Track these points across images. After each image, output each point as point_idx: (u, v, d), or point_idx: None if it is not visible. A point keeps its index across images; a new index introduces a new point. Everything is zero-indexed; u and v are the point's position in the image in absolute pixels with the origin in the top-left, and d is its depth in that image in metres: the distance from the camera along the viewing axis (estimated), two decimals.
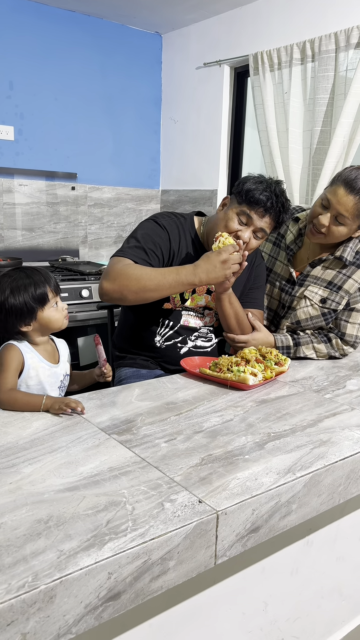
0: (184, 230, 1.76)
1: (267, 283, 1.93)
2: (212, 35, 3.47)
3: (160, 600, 1.05)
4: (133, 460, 1.05)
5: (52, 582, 0.71)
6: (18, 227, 3.40)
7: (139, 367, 1.82)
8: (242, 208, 1.62)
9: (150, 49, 3.80)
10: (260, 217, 1.62)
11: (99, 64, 3.57)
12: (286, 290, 1.86)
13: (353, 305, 1.80)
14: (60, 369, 1.40)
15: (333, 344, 1.81)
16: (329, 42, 2.70)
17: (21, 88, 3.28)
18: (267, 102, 3.01)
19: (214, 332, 1.86)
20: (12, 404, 1.25)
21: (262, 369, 1.54)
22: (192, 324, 1.80)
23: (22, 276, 1.34)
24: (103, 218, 3.76)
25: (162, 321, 1.78)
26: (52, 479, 0.97)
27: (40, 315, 1.33)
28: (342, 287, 1.78)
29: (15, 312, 1.31)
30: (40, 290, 1.33)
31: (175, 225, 1.74)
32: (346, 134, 2.67)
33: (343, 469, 1.12)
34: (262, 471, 1.04)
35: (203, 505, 0.91)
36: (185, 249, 1.74)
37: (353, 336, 1.81)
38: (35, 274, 1.35)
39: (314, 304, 1.80)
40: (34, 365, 1.34)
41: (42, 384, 1.35)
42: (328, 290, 1.79)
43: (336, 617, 1.56)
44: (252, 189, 1.61)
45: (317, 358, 1.81)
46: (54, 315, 1.35)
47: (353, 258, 1.77)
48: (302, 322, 1.83)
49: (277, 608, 1.34)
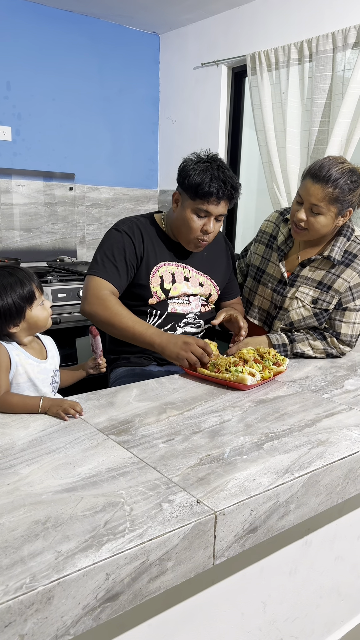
0: (146, 229, 1.82)
1: (260, 284, 1.94)
2: (210, 36, 3.47)
3: (159, 601, 1.04)
4: (131, 461, 1.05)
5: (49, 584, 0.71)
6: (16, 228, 3.40)
7: (133, 366, 1.83)
8: (196, 205, 1.69)
9: (147, 49, 3.80)
10: (217, 205, 1.69)
11: (96, 64, 3.57)
12: (278, 291, 1.87)
13: (345, 304, 1.79)
14: (49, 364, 1.39)
15: (329, 342, 1.81)
16: (327, 42, 2.70)
17: (18, 88, 3.28)
18: (265, 102, 3.01)
19: (202, 318, 1.89)
20: (8, 408, 1.24)
21: (260, 369, 1.54)
22: (179, 311, 1.84)
23: (4, 274, 1.30)
24: (101, 218, 3.76)
25: (149, 312, 1.82)
26: (50, 480, 0.97)
27: (28, 314, 1.31)
28: (332, 287, 1.78)
29: (4, 313, 1.28)
30: (28, 288, 1.30)
31: (136, 227, 1.81)
32: (344, 134, 2.67)
33: (341, 469, 1.12)
34: (260, 471, 1.04)
35: (201, 506, 0.91)
36: (152, 244, 1.81)
37: (348, 335, 1.81)
38: (18, 271, 1.32)
39: (306, 304, 1.80)
40: (22, 362, 1.32)
41: (32, 381, 1.34)
42: (319, 291, 1.79)
43: (335, 617, 1.56)
44: (199, 183, 1.65)
45: (315, 355, 1.81)
46: (41, 314, 1.34)
47: (341, 257, 1.77)
48: (296, 324, 1.84)
49: (275, 608, 1.34)
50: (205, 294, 1.90)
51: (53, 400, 1.26)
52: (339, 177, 1.65)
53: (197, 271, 1.89)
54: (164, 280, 1.81)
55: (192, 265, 1.88)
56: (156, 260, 1.81)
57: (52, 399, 1.27)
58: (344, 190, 1.66)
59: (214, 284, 1.92)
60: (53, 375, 1.41)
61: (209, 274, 1.91)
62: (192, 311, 1.87)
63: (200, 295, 1.88)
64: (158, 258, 1.81)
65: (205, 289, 1.89)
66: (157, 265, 1.81)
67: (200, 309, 1.89)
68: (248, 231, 3.75)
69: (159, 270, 1.81)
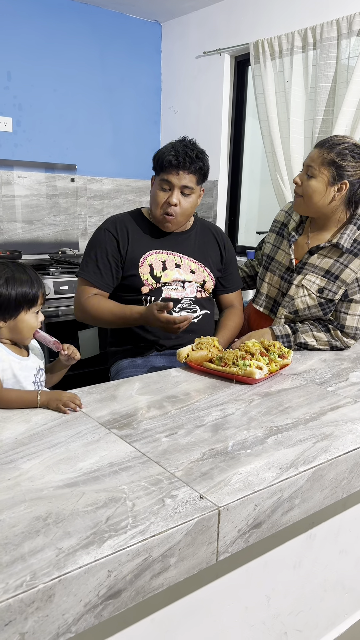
0: (131, 222, 1.88)
1: (268, 271, 1.93)
2: (212, 23, 3.43)
3: (162, 596, 1.04)
4: (133, 456, 1.04)
5: (50, 581, 0.70)
6: (17, 220, 3.38)
7: (133, 357, 1.84)
8: (161, 177, 1.77)
9: (149, 38, 3.76)
10: (177, 176, 1.74)
11: (97, 53, 3.53)
12: (285, 278, 1.85)
13: (351, 296, 1.77)
14: (31, 362, 1.34)
15: (332, 334, 1.79)
16: (331, 30, 2.66)
17: (19, 79, 3.25)
18: (268, 91, 2.97)
19: (197, 304, 1.90)
20: (5, 403, 1.22)
21: (267, 362, 1.52)
22: (173, 296, 1.86)
23: (20, 270, 1.29)
24: (103, 210, 3.73)
25: (144, 300, 1.84)
26: (51, 475, 0.96)
27: (21, 316, 1.28)
28: (339, 277, 1.76)
29: (1, 302, 1.25)
30: (34, 291, 1.28)
31: (119, 222, 1.87)
32: (348, 123, 2.63)
33: (346, 463, 1.10)
34: (264, 466, 1.02)
35: (204, 501, 0.89)
36: (139, 235, 1.86)
37: (353, 328, 1.78)
38: (33, 274, 1.30)
39: (312, 293, 1.78)
40: (4, 357, 1.28)
41: (16, 377, 1.30)
42: (325, 280, 1.77)
43: (339, 610, 1.56)
44: (160, 155, 1.75)
45: (319, 347, 1.79)
46: (32, 322, 1.30)
47: (350, 246, 1.75)
48: (300, 312, 1.82)
49: (279, 602, 1.33)
50: (199, 280, 1.90)
51: (51, 393, 1.24)
52: (339, 143, 1.69)
53: (189, 258, 1.90)
54: (154, 268, 1.83)
55: (183, 252, 1.89)
56: (144, 249, 1.84)
57: (49, 392, 1.25)
58: (341, 154, 1.67)
59: (207, 271, 1.92)
60: (36, 373, 1.36)
61: (201, 261, 1.92)
62: (187, 296, 1.87)
63: (194, 282, 1.89)
64: (146, 247, 1.84)
65: (198, 276, 1.90)
66: (145, 254, 1.84)
67: (196, 294, 1.90)
68: (251, 222, 3.72)
69: (147, 259, 1.83)
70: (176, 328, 1.63)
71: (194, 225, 1.95)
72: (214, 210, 3.66)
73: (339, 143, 1.69)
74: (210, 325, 1.95)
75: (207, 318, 1.93)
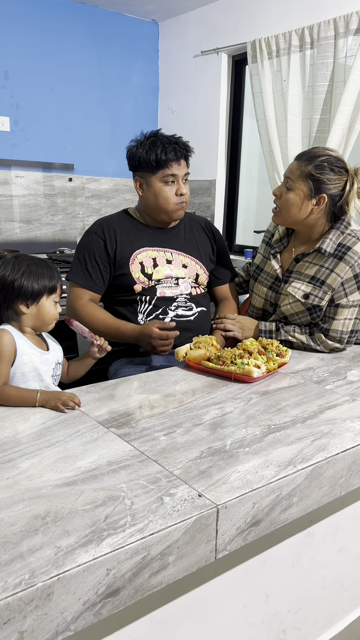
0: (118, 223, 1.89)
1: (256, 282, 1.93)
2: (210, 23, 3.43)
3: (161, 594, 1.04)
4: (132, 454, 1.04)
5: (49, 580, 0.70)
6: (15, 219, 3.38)
7: (131, 356, 1.84)
8: (162, 175, 1.79)
9: (147, 37, 3.75)
10: (179, 166, 1.81)
11: (95, 53, 3.53)
12: (274, 288, 1.85)
13: (338, 301, 1.74)
14: (51, 356, 1.39)
15: (315, 338, 1.77)
16: (328, 29, 2.66)
17: (16, 78, 3.24)
18: (266, 91, 2.97)
19: (193, 301, 1.90)
20: (5, 400, 1.24)
21: (265, 361, 1.53)
22: (168, 294, 1.86)
23: (42, 264, 1.37)
24: (101, 209, 3.73)
25: (139, 299, 1.85)
26: (49, 473, 0.96)
27: (42, 301, 1.34)
28: (325, 282, 1.73)
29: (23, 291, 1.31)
30: (54, 282, 1.36)
31: (105, 223, 1.89)
32: (346, 122, 2.63)
33: (344, 461, 1.11)
34: (262, 464, 1.03)
35: (203, 499, 0.90)
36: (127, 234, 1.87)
37: (338, 331, 1.75)
38: (54, 268, 1.39)
39: (298, 299, 1.77)
40: (26, 351, 1.32)
41: (37, 370, 1.34)
42: (311, 286, 1.75)
43: (337, 608, 1.56)
44: (155, 155, 1.77)
45: (295, 347, 1.78)
46: (51, 310, 1.37)
47: (334, 250, 1.73)
48: (289, 318, 1.82)
49: (278, 600, 1.33)
50: (192, 275, 1.91)
51: (50, 393, 1.25)
52: (318, 156, 1.67)
53: (180, 252, 1.91)
54: (144, 265, 1.84)
55: (174, 247, 1.90)
56: (133, 248, 1.85)
57: (49, 392, 1.26)
58: (319, 167, 1.65)
59: (199, 264, 1.93)
60: (54, 367, 1.40)
61: (192, 254, 1.93)
62: (181, 293, 1.88)
63: (188, 277, 1.90)
64: (135, 246, 1.86)
65: (190, 270, 1.91)
66: (135, 252, 1.85)
67: (191, 290, 1.90)
68: (249, 221, 3.72)
69: (137, 257, 1.85)
70: (166, 344, 1.65)
71: (182, 219, 1.97)
72: (211, 209, 3.66)
73: (318, 155, 1.67)
74: (207, 322, 1.95)
75: (203, 315, 1.93)
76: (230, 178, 3.64)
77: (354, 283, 1.71)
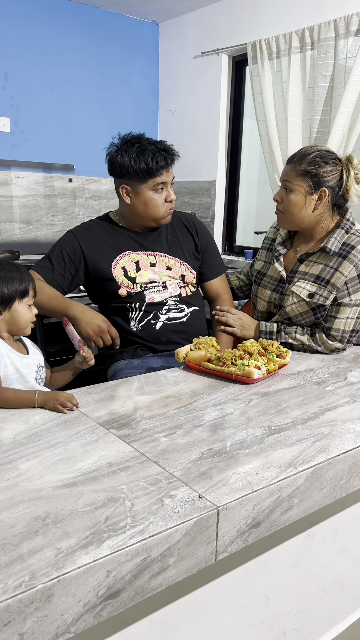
0: (100, 227, 1.89)
1: (260, 287, 1.92)
2: (210, 24, 3.43)
3: (161, 596, 1.04)
4: (132, 455, 1.04)
5: (49, 581, 0.70)
6: (15, 220, 3.38)
7: (130, 358, 1.83)
8: (152, 183, 1.77)
9: (147, 38, 3.76)
10: (168, 172, 1.80)
11: (95, 53, 3.53)
12: (278, 290, 1.85)
13: (340, 300, 1.73)
14: (31, 359, 1.38)
15: (316, 338, 1.77)
16: (328, 30, 2.66)
17: (16, 79, 3.25)
18: (266, 92, 2.97)
19: (183, 303, 1.89)
20: (3, 403, 1.23)
21: (265, 362, 1.52)
22: (157, 299, 1.85)
23: (12, 269, 1.34)
24: (101, 210, 3.73)
25: (130, 306, 1.84)
26: (49, 475, 0.95)
27: (15, 306, 1.33)
28: (330, 281, 1.73)
29: None
30: (25, 285, 1.34)
31: (87, 227, 1.90)
32: (346, 123, 2.64)
33: (345, 462, 1.10)
34: (263, 465, 1.02)
35: (203, 501, 0.89)
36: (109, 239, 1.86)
37: (340, 331, 1.75)
38: (24, 271, 1.37)
39: (302, 299, 1.77)
40: (7, 354, 1.31)
41: (19, 372, 1.33)
42: (316, 285, 1.75)
43: (337, 610, 1.56)
44: (145, 165, 1.73)
45: (295, 349, 1.78)
46: (26, 313, 1.35)
47: (338, 249, 1.73)
48: (293, 319, 1.81)
49: (278, 601, 1.33)
50: (177, 276, 1.89)
51: (48, 394, 1.25)
52: (308, 153, 1.69)
53: (163, 255, 1.89)
54: (127, 269, 1.84)
55: (156, 250, 1.89)
56: (115, 253, 1.84)
57: (47, 392, 1.26)
58: (313, 163, 1.67)
59: (184, 264, 1.91)
60: (37, 370, 1.39)
61: (176, 255, 1.91)
62: (170, 296, 1.86)
63: (173, 278, 1.89)
64: (117, 251, 1.85)
65: (175, 272, 1.89)
66: (117, 257, 1.84)
67: (180, 291, 1.89)
68: (249, 222, 3.72)
69: (119, 262, 1.84)
70: (104, 340, 1.68)
71: None
72: (212, 210, 3.66)
73: (308, 153, 1.69)
74: (201, 321, 1.93)
75: (196, 315, 1.91)
76: (230, 179, 3.64)
77: (358, 282, 1.71)
